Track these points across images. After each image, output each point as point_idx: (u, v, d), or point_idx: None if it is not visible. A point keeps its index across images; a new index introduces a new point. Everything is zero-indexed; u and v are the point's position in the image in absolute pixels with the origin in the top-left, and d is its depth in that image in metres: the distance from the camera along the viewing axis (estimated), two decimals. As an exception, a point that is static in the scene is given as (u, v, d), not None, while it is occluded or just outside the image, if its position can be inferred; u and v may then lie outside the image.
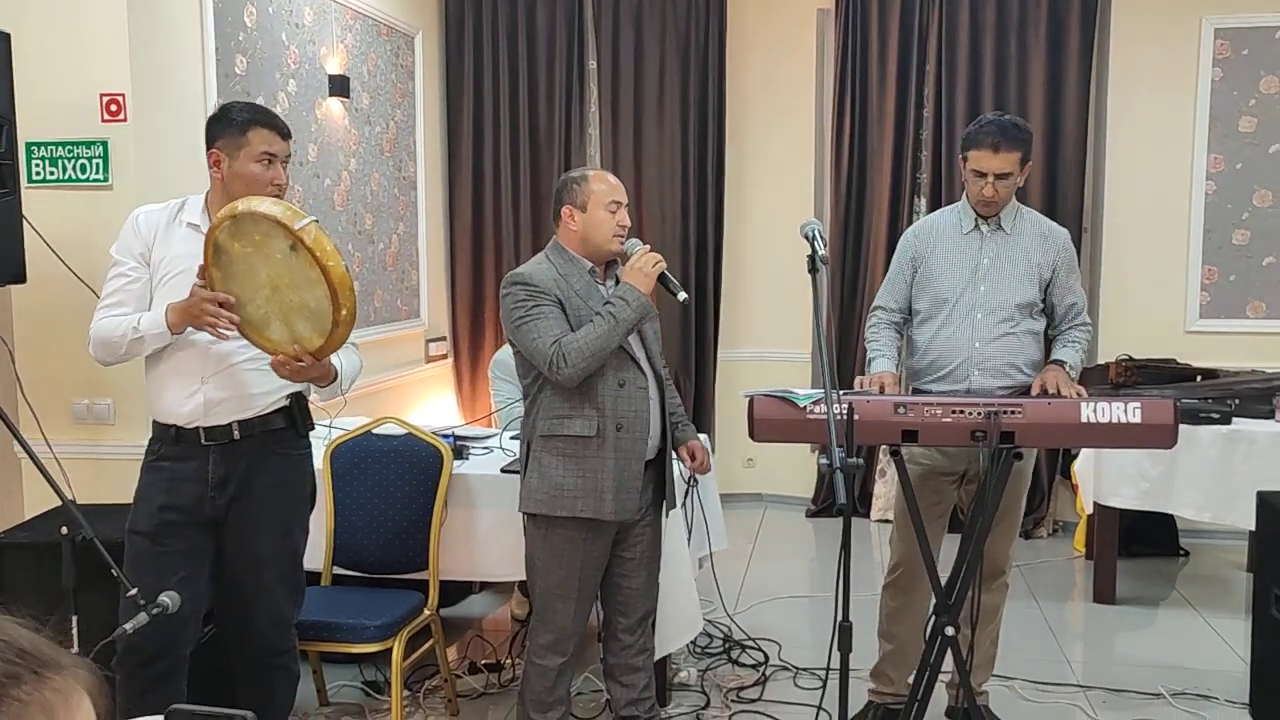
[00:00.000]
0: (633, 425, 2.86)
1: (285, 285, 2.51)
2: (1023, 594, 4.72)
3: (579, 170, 2.98)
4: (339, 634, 3.13)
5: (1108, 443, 2.80)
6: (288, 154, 2.71)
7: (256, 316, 2.56)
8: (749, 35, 6.05)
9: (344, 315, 2.51)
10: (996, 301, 3.18)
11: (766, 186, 6.12)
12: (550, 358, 2.73)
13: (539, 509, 2.86)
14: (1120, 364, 4.85)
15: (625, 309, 2.77)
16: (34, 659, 0.77)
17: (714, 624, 4.15)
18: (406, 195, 5.56)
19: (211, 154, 2.66)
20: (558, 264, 2.88)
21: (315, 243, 2.45)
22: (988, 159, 3.10)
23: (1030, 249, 3.21)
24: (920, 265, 3.29)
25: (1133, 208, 5.66)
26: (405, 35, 5.49)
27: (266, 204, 2.50)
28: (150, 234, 2.68)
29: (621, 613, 3.04)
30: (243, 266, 2.53)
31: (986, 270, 3.20)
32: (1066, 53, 5.52)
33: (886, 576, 3.39)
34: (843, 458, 2.29)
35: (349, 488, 3.52)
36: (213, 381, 2.66)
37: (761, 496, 6.28)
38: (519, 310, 2.80)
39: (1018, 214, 3.26)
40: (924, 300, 3.28)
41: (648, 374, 2.92)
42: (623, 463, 2.84)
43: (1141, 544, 5.18)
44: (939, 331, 3.23)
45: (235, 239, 2.50)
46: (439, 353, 5.96)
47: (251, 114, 2.67)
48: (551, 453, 2.84)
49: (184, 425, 2.66)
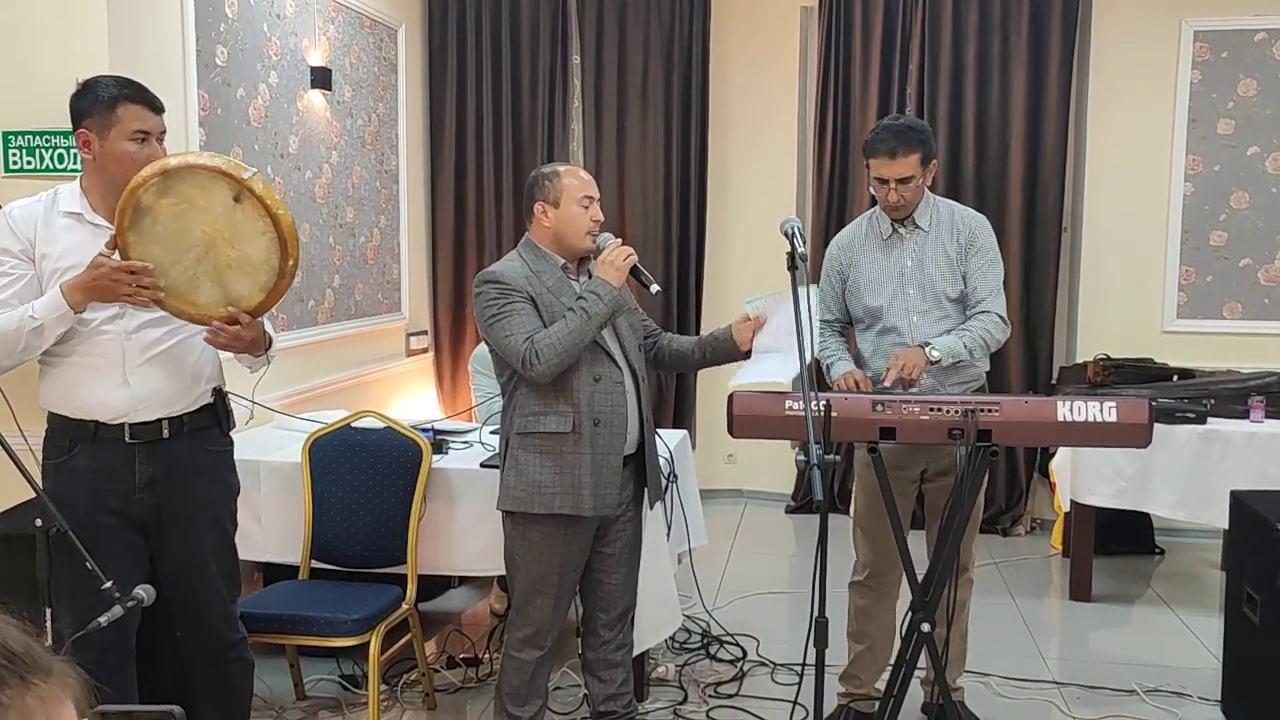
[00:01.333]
0: (610, 420, 2.85)
1: (224, 240, 2.44)
2: (999, 591, 4.75)
3: (550, 166, 2.96)
4: (316, 628, 3.12)
5: (1083, 441, 2.81)
6: (163, 129, 2.57)
7: (182, 280, 2.46)
8: (733, 32, 6.06)
9: (290, 266, 2.47)
10: (929, 303, 3.19)
11: (749, 183, 6.13)
12: (523, 355, 2.72)
13: (517, 506, 2.86)
14: (1098, 363, 4.88)
15: (597, 303, 2.76)
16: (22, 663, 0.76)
17: (692, 619, 4.16)
18: (388, 189, 5.55)
19: (79, 134, 2.52)
20: (530, 261, 2.87)
21: (265, 192, 2.42)
22: (886, 165, 3.11)
23: (946, 242, 3.21)
24: (848, 277, 3.30)
25: (1112, 208, 5.69)
26: (388, 28, 5.47)
27: (205, 156, 2.46)
28: (29, 229, 2.54)
29: (601, 608, 3.05)
30: (170, 226, 2.43)
31: (912, 273, 3.21)
32: (1048, 53, 5.55)
33: (852, 576, 3.40)
34: (820, 454, 2.30)
35: (327, 481, 3.51)
36: (138, 373, 2.56)
37: (741, 492, 6.29)
38: (491, 309, 2.79)
39: (934, 209, 3.26)
40: (858, 310, 3.29)
41: (623, 368, 2.91)
42: (600, 458, 2.84)
43: (1118, 542, 5.22)
44: (879, 339, 3.24)
45: (164, 196, 2.41)
46: (420, 347, 5.94)
47: (119, 89, 2.52)
48: (529, 450, 2.84)
49: (107, 421, 2.55)
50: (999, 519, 5.68)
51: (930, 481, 3.27)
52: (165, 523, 2.64)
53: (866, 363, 3.28)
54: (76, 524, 2.52)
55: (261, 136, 4.32)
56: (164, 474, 2.61)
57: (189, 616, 2.76)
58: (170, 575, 2.69)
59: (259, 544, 3.59)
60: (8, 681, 0.74)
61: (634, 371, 2.96)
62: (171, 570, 2.69)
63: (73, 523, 2.53)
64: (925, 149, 3.13)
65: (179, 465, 2.62)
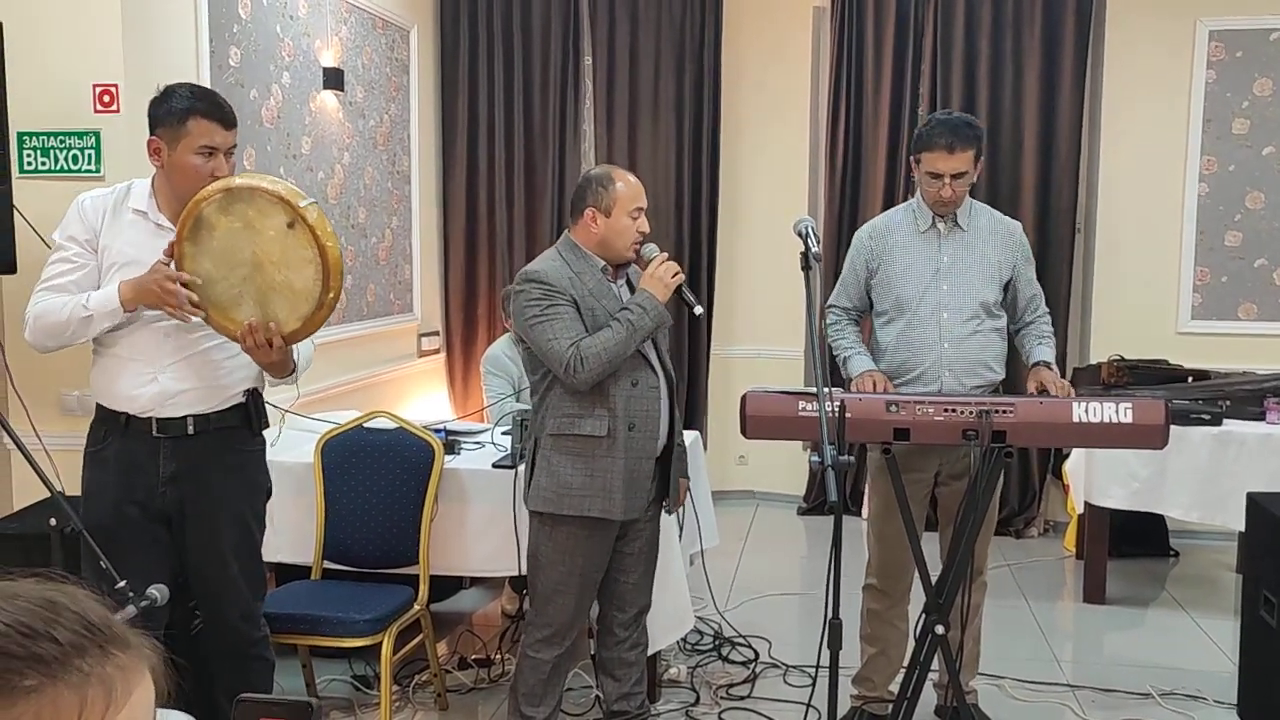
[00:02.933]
0: (644, 425, 2.87)
1: (271, 264, 2.49)
2: (1013, 593, 4.73)
3: (603, 169, 2.95)
4: (328, 628, 3.12)
5: (1099, 442, 2.80)
6: (232, 144, 2.61)
7: (226, 296, 2.51)
8: (744, 32, 6.05)
9: (330, 298, 2.51)
10: (960, 301, 3.17)
11: (761, 183, 6.12)
12: (567, 361, 2.73)
13: (547, 507, 2.86)
14: (1112, 364, 4.86)
15: (643, 317, 2.78)
16: (102, 633, 0.77)
17: (705, 621, 4.15)
18: (400, 189, 5.55)
19: (151, 141, 2.57)
20: (570, 261, 2.87)
21: (317, 222, 2.47)
22: (943, 160, 3.08)
23: (988, 249, 3.20)
24: (878, 267, 3.28)
25: (1126, 208, 5.67)
26: (400, 29, 5.48)
27: (267, 180, 2.51)
28: (97, 220, 2.60)
29: (618, 608, 3.05)
30: (224, 243, 2.48)
31: (948, 269, 3.19)
32: (1061, 53, 5.53)
33: (866, 578, 3.39)
34: (834, 455, 2.29)
35: (340, 481, 3.51)
36: (170, 370, 2.60)
37: (753, 494, 6.28)
38: (533, 309, 2.79)
39: (971, 209, 3.25)
40: (886, 301, 3.26)
41: (659, 374, 2.93)
42: (633, 462, 2.85)
43: (1132, 544, 5.20)
44: (905, 333, 3.21)
45: (224, 213, 2.47)
46: (431, 347, 5.95)
47: (192, 101, 2.54)
48: (561, 452, 2.84)
49: (136, 414, 2.60)
50: (1012, 521, 5.65)
51: (944, 485, 3.25)
52: (188, 517, 2.67)
53: (886, 355, 3.25)
54: (104, 514, 2.59)
55: (274, 137, 4.32)
56: (186, 470, 2.63)
57: (211, 612, 2.79)
58: (193, 570, 2.73)
59: (271, 544, 3.54)
60: (88, 651, 0.75)
61: (668, 377, 2.98)
62: (193, 565, 2.72)
63: (100, 513, 2.60)
64: (979, 145, 3.13)
65: (202, 462, 2.65)
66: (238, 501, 2.75)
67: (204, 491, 2.67)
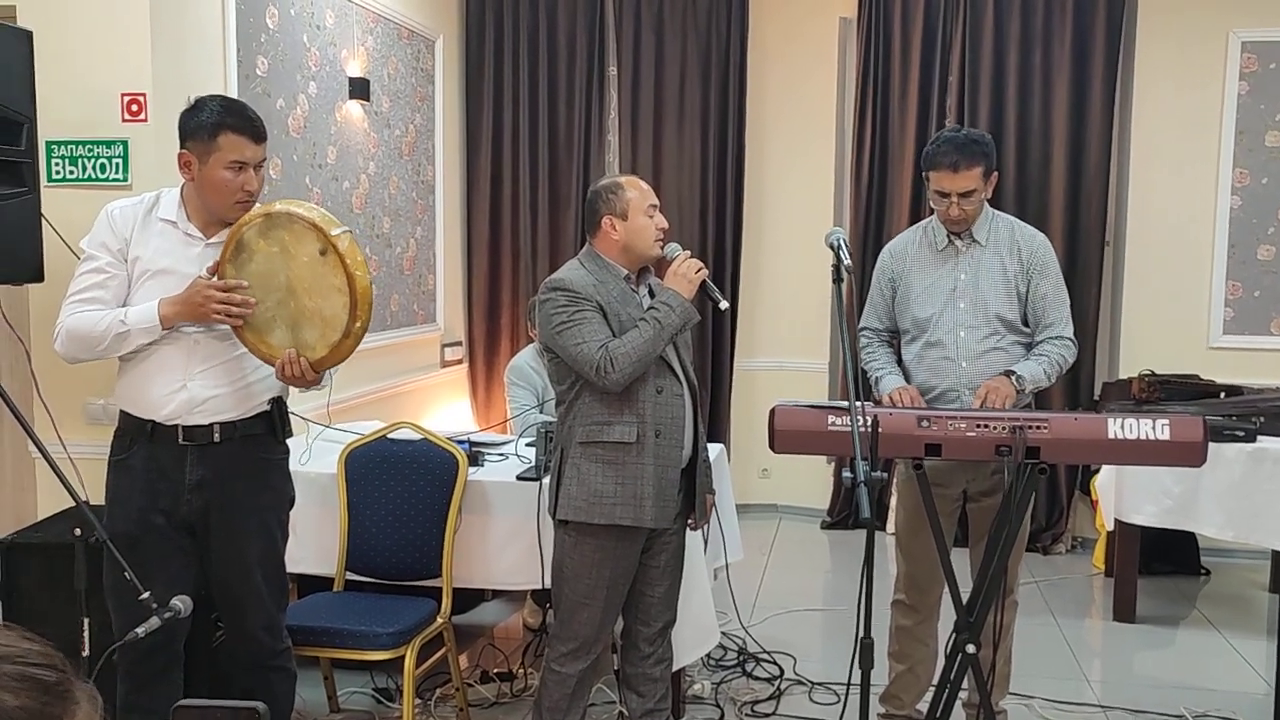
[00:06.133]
0: (670, 432, 2.86)
1: (304, 290, 2.52)
2: (1041, 611, 4.66)
3: (608, 179, 2.96)
4: (351, 641, 3.10)
5: (1135, 460, 2.74)
6: (261, 158, 2.61)
7: (261, 320, 2.55)
8: (770, 43, 6.02)
9: (357, 328, 2.54)
10: (978, 318, 3.12)
11: (786, 195, 6.09)
12: (598, 363, 2.72)
13: (578, 516, 2.84)
14: (1143, 379, 4.79)
15: (669, 314, 2.78)
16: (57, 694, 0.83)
17: (729, 636, 4.11)
18: (425, 199, 5.55)
19: (181, 154, 2.57)
20: (594, 270, 2.87)
21: (348, 251, 2.50)
22: (949, 179, 3.04)
23: (1005, 259, 3.15)
24: (898, 286, 3.25)
25: (1156, 221, 5.60)
26: (426, 39, 5.48)
27: (304, 207, 2.54)
28: (127, 229, 2.60)
29: (643, 622, 3.02)
30: (262, 266, 2.52)
31: (965, 286, 3.15)
32: (1091, 64, 5.48)
33: (894, 594, 3.34)
34: (867, 471, 2.25)
35: (363, 492, 3.49)
36: (199, 378, 2.61)
37: (776, 507, 6.23)
38: (560, 315, 2.79)
39: (992, 223, 3.19)
40: (907, 321, 3.24)
41: (682, 381, 2.92)
42: (661, 469, 2.84)
43: (1162, 562, 5.12)
44: (924, 353, 3.18)
45: (263, 237, 2.51)
46: (454, 358, 5.93)
47: (222, 116, 2.55)
48: (591, 459, 2.82)
49: (163, 421, 2.60)
50: (1039, 537, 5.58)
51: (973, 501, 3.21)
52: (212, 526, 2.66)
53: (910, 376, 3.22)
54: (128, 522, 2.60)
55: (300, 147, 4.32)
56: (213, 477, 2.63)
57: (234, 622, 2.78)
58: (216, 579, 2.72)
59: (294, 555, 3.52)
60: None
61: (691, 385, 2.97)
62: (217, 575, 2.71)
63: (125, 521, 2.60)
64: (988, 162, 3.07)
65: (228, 470, 2.65)
66: (262, 510, 2.75)
67: (229, 499, 2.66)
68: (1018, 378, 3.02)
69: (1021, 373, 3.04)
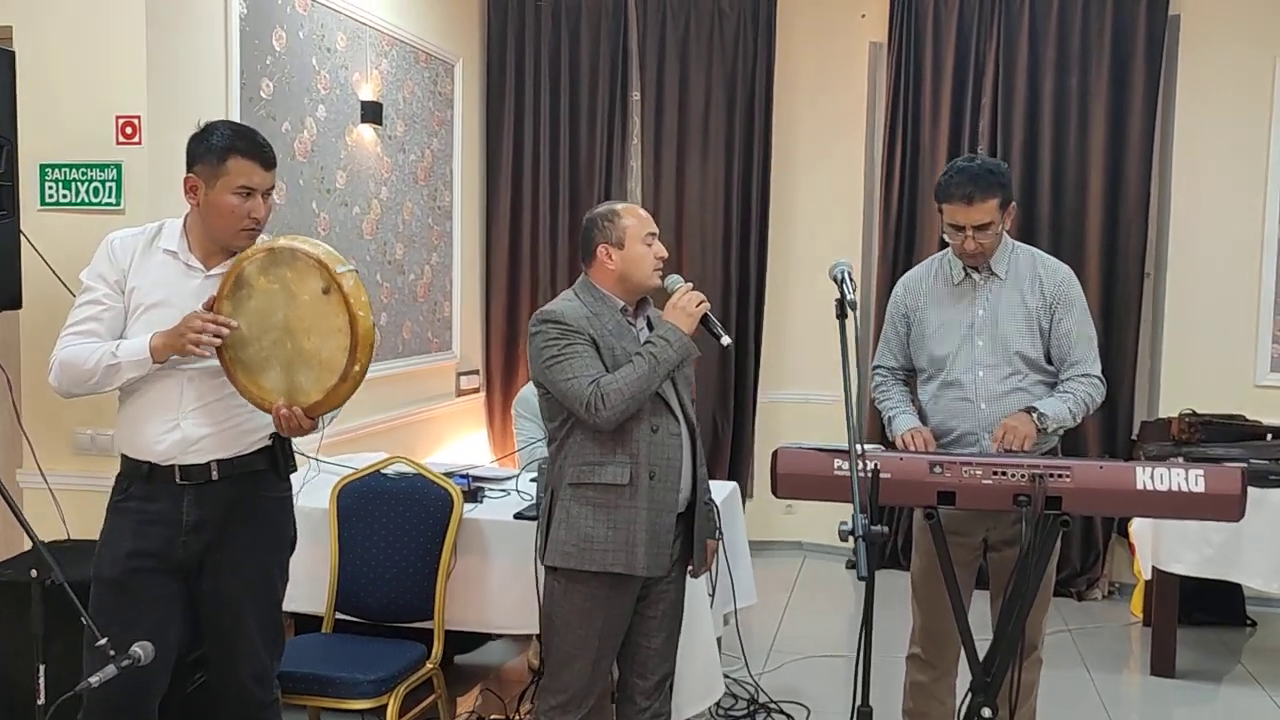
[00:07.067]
0: (665, 474, 2.70)
1: (302, 330, 2.43)
2: (1073, 662, 4.43)
3: (605, 206, 2.83)
4: (331, 689, 2.95)
5: (1165, 513, 2.55)
6: (270, 185, 2.54)
7: (256, 360, 2.45)
8: (798, 68, 5.88)
9: (355, 371, 2.43)
10: (997, 356, 2.94)
11: (813, 223, 5.93)
12: (588, 399, 2.58)
13: (567, 562, 2.69)
14: (1184, 419, 4.57)
15: (666, 349, 2.63)
16: None
17: (739, 684, 3.92)
18: (441, 225, 5.44)
19: (188, 179, 2.50)
20: (588, 302, 2.73)
21: (352, 290, 2.40)
22: (962, 212, 2.87)
23: (1028, 296, 2.96)
24: (913, 322, 3.08)
25: (1200, 252, 5.37)
26: (445, 63, 5.39)
27: (308, 243, 2.45)
28: (126, 260, 2.53)
29: (639, 674, 2.85)
30: (261, 303, 2.43)
31: (983, 323, 2.97)
32: (1131, 89, 5.27)
33: (909, 647, 3.15)
34: (866, 524, 2.07)
35: (355, 529, 3.36)
36: (192, 416, 2.51)
37: (801, 545, 6.03)
38: (551, 349, 2.65)
39: (1012, 255, 3.01)
40: (922, 359, 3.06)
41: (680, 420, 2.76)
42: (655, 514, 2.68)
43: (1204, 612, 4.86)
44: (940, 393, 3.00)
45: (264, 273, 2.42)
46: (470, 386, 5.81)
47: (233, 140, 2.48)
48: (581, 502, 2.68)
49: (158, 462, 2.51)
50: (1073, 582, 5.33)
51: (995, 550, 3.01)
52: (207, 568, 2.57)
53: (926, 417, 3.04)
54: (113, 566, 2.51)
55: (307, 171, 4.23)
56: (211, 517, 2.54)
57: (221, 669, 2.66)
58: (207, 623, 2.61)
59: (286, 592, 3.44)
60: None
61: (690, 425, 2.81)
62: (208, 618, 2.61)
63: (110, 565, 2.51)
64: (1004, 192, 2.89)
65: (228, 509, 2.55)
66: (260, 552, 2.63)
67: (226, 541, 2.56)
68: (1039, 415, 2.83)
69: (1044, 410, 2.85)
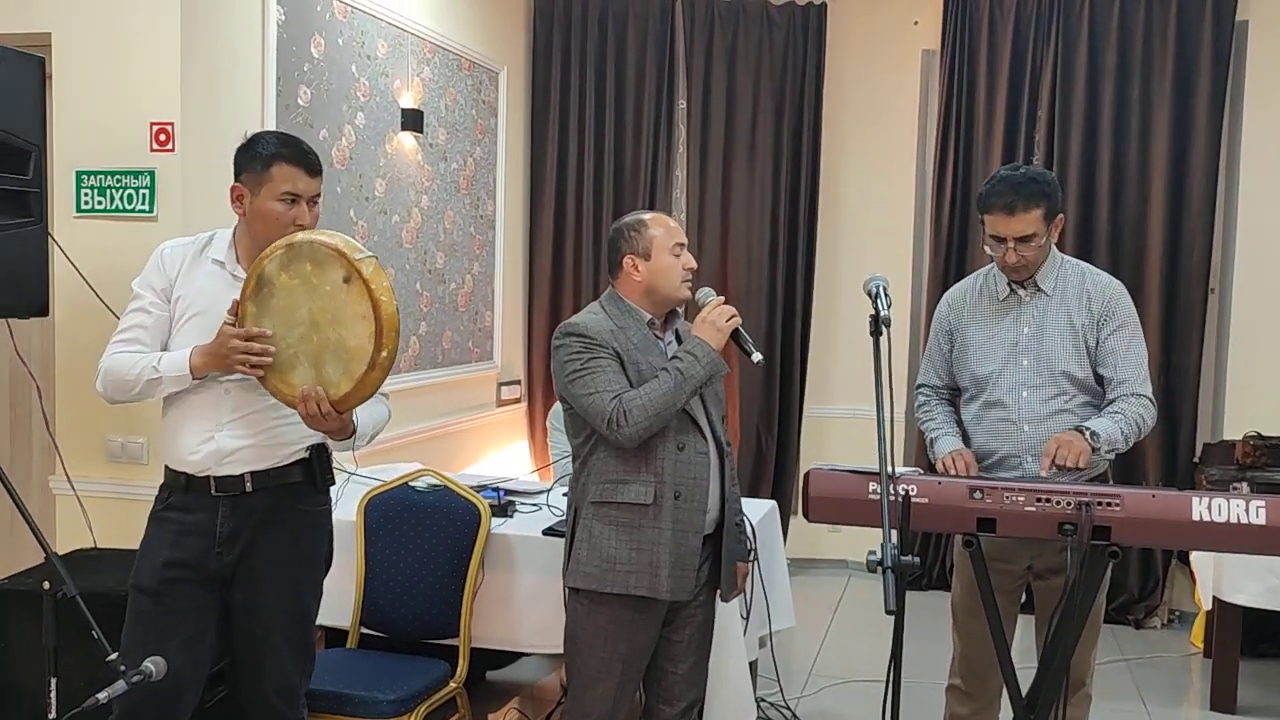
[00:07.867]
0: (691, 494, 2.61)
1: (326, 321, 2.38)
2: (1129, 695, 4.24)
3: (632, 216, 2.75)
4: (350, 707, 2.88)
5: (1222, 546, 2.39)
6: (315, 192, 2.53)
7: (284, 358, 2.42)
8: (848, 76, 5.76)
9: (383, 357, 2.37)
10: (1042, 376, 2.80)
11: (861, 235, 5.79)
12: (609, 415, 2.50)
13: (588, 584, 2.61)
14: (1248, 442, 4.38)
15: (694, 365, 2.55)
16: None
17: (775, 709, 3.80)
18: (483, 234, 5.40)
19: (234, 188, 2.52)
20: (614, 315, 2.66)
21: (372, 276, 2.36)
22: (1004, 222, 2.74)
23: (1073, 311, 2.82)
24: (957, 339, 2.95)
25: (1267, 268, 5.15)
26: (489, 70, 5.35)
27: (326, 234, 2.42)
28: (175, 270, 2.55)
29: (665, 700, 2.76)
30: (283, 300, 2.40)
31: (1028, 341, 2.83)
32: (1195, 99, 5.07)
33: (949, 677, 3.01)
34: (895, 554, 1.96)
35: (381, 543, 3.30)
36: (228, 428, 2.50)
37: (847, 564, 5.89)
38: (574, 363, 2.58)
39: (1060, 270, 2.86)
40: (965, 378, 2.94)
41: (709, 439, 2.67)
42: (680, 535, 2.59)
43: (1269, 643, 4.63)
44: (982, 413, 2.88)
45: (284, 269, 2.39)
46: (511, 396, 5.76)
47: (277, 148, 2.49)
48: (604, 521, 2.60)
49: (194, 474, 2.51)
50: (1131, 608, 5.13)
51: (1040, 579, 2.87)
52: (239, 579, 2.55)
53: (968, 438, 2.91)
54: (149, 576, 2.51)
55: (345, 179, 4.20)
56: (245, 528, 2.52)
57: (248, 684, 2.63)
58: (236, 635, 2.59)
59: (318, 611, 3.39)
60: None
61: (719, 443, 2.71)
62: (238, 629, 2.59)
63: (145, 575, 2.52)
64: (1049, 203, 2.76)
65: (262, 521, 2.53)
66: (292, 565, 2.60)
67: (258, 550, 2.53)
68: (1092, 434, 2.69)
69: (1096, 429, 2.70)
